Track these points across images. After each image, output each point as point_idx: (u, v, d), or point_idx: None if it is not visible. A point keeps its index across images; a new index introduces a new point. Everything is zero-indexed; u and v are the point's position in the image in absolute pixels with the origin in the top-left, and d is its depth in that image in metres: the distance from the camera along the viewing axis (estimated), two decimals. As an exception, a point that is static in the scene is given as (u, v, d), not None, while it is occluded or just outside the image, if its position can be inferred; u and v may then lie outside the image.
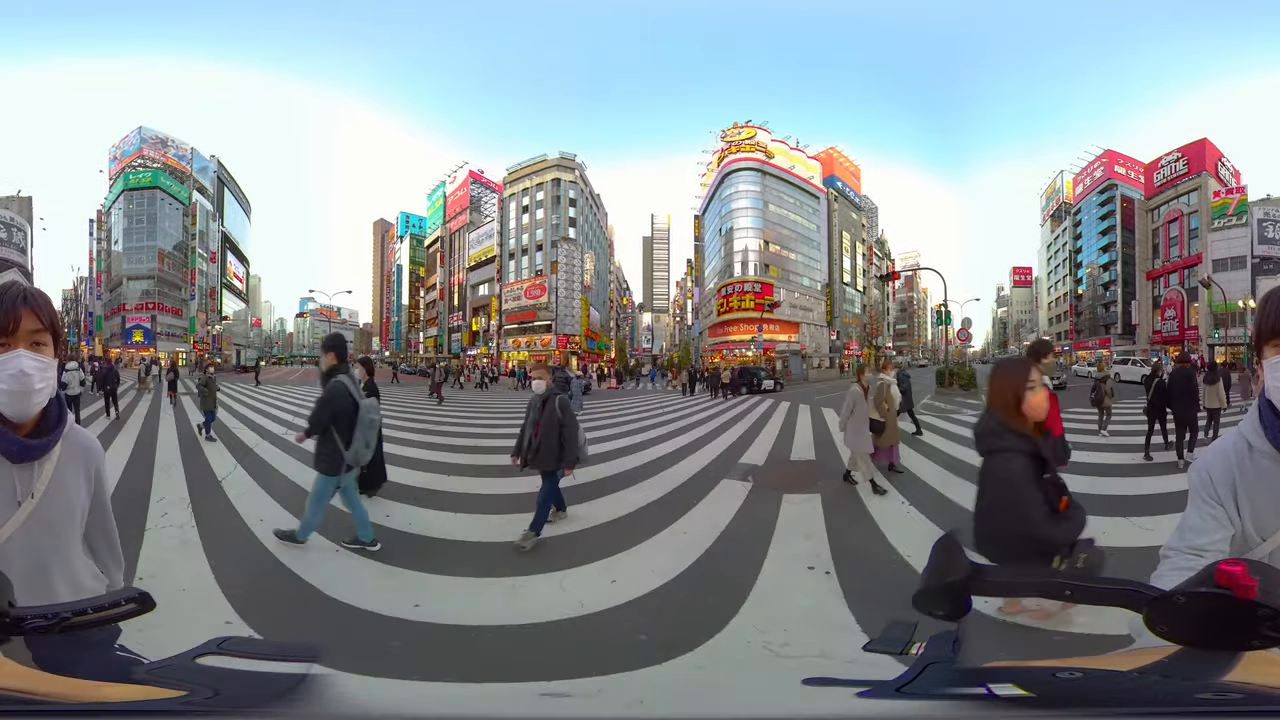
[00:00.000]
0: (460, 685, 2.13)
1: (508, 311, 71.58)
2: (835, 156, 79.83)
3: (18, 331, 1.06)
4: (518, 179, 73.34)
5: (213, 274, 78.54)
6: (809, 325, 67.21)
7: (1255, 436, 1.04)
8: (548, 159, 71.49)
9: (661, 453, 9.55)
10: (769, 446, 10.24)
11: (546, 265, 68.15)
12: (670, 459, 8.88)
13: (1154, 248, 57.42)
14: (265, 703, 0.64)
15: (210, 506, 5.74)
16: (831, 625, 3.20)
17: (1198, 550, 1.03)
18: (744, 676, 1.01)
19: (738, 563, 4.21)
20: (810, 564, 4.18)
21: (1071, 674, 0.64)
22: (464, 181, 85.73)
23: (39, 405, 1.10)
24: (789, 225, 69.06)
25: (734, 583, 3.77)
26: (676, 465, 8.34)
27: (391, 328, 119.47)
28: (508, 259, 73.80)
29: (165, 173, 71.28)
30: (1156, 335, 53.84)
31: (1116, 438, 10.26)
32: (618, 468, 8.13)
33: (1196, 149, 53.51)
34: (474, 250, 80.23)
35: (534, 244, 70.79)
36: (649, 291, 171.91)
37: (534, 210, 71.43)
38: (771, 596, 3.61)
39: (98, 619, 0.75)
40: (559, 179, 69.87)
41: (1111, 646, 0.84)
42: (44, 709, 0.62)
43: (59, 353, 1.15)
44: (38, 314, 1.08)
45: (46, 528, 1.13)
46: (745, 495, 6.38)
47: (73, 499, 1.18)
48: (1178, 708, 0.58)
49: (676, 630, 3.15)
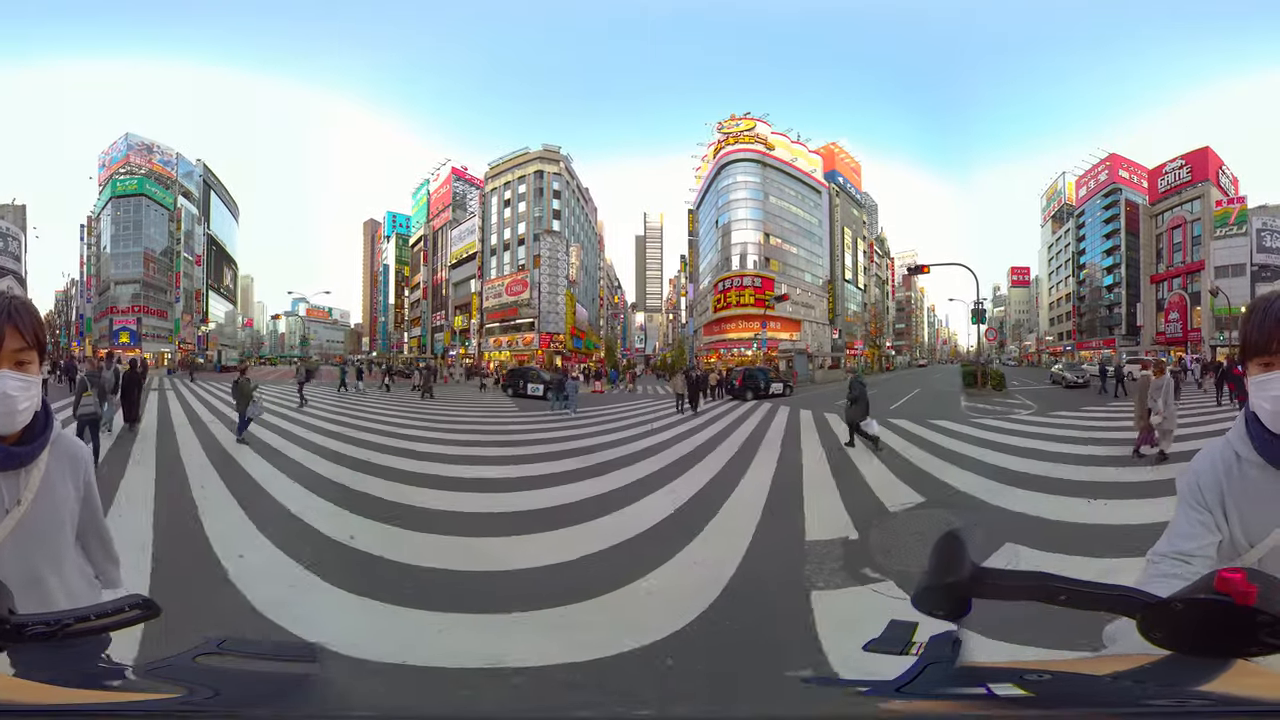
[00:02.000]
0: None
1: (489, 309, 70.24)
2: (836, 152, 79.83)
3: (1, 351, 1.06)
4: (499, 173, 71.85)
5: (198, 277, 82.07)
6: (811, 323, 66.24)
7: (1242, 446, 1.08)
8: (530, 151, 69.86)
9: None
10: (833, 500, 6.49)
11: (529, 260, 66.63)
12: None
13: (1158, 252, 59.62)
14: (265, 703, 0.64)
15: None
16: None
17: (1185, 556, 1.06)
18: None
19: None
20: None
21: (1071, 675, 0.66)
22: (446, 179, 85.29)
23: (23, 422, 1.11)
24: (790, 218, 67.97)
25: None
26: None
27: (379, 328, 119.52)
28: (489, 255, 72.51)
29: (150, 179, 75.14)
30: (1160, 336, 56.03)
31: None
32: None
33: (1199, 157, 56.03)
34: (456, 247, 79.06)
35: (516, 238, 69.24)
36: (642, 291, 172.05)
37: (515, 204, 69.89)
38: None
39: (101, 625, 0.75)
40: (542, 171, 68.50)
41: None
42: (45, 709, 0.62)
43: (43, 365, 1.16)
44: (21, 332, 1.08)
45: (37, 535, 1.14)
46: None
47: (62, 505, 1.19)
48: (1178, 709, 0.60)
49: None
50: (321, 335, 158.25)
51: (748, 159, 66.04)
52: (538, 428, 14.06)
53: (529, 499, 6.54)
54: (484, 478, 7.93)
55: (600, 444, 11.08)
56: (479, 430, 13.72)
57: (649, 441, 11.43)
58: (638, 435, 12.60)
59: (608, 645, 3.03)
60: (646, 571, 4.17)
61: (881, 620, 0.80)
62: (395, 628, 3.30)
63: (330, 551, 4.61)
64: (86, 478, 1.28)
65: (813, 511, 5.93)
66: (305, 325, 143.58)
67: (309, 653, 0.77)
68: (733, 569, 4.22)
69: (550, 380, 22.83)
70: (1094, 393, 25.00)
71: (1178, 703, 0.62)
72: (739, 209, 65.27)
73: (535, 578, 4.15)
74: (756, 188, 65.41)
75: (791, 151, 69.65)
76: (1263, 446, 1.06)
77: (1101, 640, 0.87)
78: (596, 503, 6.35)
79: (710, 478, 7.77)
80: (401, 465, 8.57)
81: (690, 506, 6.18)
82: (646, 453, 10.01)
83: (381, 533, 5.17)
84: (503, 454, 9.99)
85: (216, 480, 7.29)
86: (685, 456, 9.56)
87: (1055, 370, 38.25)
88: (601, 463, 8.93)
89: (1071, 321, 73.64)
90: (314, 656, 0.76)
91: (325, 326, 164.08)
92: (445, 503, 6.30)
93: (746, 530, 5.26)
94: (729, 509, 6.07)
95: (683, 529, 5.29)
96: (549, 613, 3.47)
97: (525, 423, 15.30)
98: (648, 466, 8.64)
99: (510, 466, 8.69)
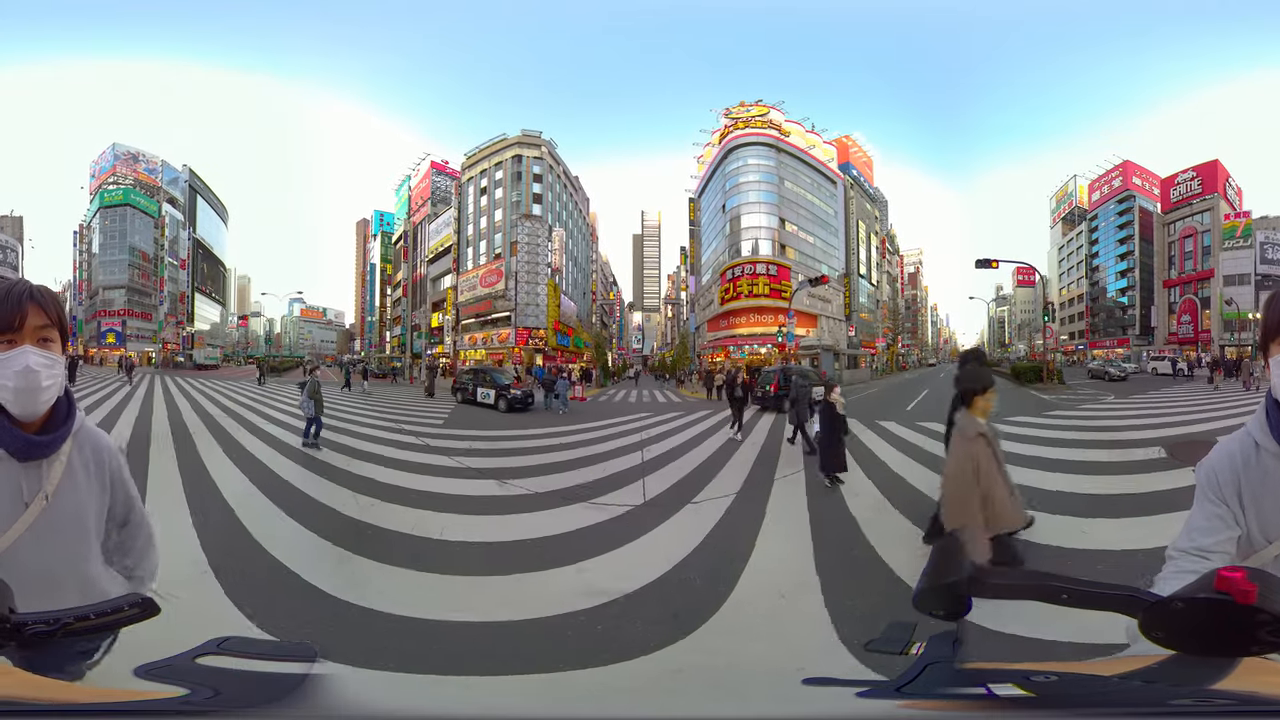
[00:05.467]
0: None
1: (463, 304, 67.71)
2: (849, 144, 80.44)
3: (24, 328, 1.08)
4: (476, 161, 69.52)
5: (183, 280, 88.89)
6: (827, 318, 64.60)
7: (1262, 435, 1.09)
8: (508, 137, 67.67)
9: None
10: None
11: (506, 248, 64.10)
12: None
13: (1170, 259, 65.36)
14: (265, 703, 0.67)
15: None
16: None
17: (1203, 551, 1.07)
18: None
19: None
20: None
21: (1072, 675, 0.69)
22: (426, 174, 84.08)
23: (47, 403, 1.12)
24: (807, 205, 66.61)
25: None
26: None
27: (367, 328, 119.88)
28: (465, 247, 70.19)
29: (135, 189, 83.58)
30: (1172, 337, 61.83)
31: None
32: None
33: (1209, 169, 62.01)
34: (433, 241, 77.03)
35: (493, 226, 66.85)
36: (639, 290, 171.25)
37: (492, 190, 67.47)
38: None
39: (100, 624, 0.77)
40: (521, 155, 66.32)
41: (1112, 650, 0.91)
42: (45, 709, 0.64)
43: (66, 350, 1.18)
44: (45, 310, 1.10)
45: (57, 531, 1.13)
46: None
47: (86, 501, 1.19)
48: (1177, 711, 0.63)
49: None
50: (316, 335, 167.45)
51: (761, 143, 64.50)
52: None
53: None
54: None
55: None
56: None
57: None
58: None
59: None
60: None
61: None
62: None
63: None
64: (116, 472, 1.26)
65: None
66: (302, 326, 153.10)
67: (309, 653, 0.80)
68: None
69: (507, 384, 20.72)
70: (1140, 384, 29.17)
71: (1180, 703, 0.64)
72: (751, 192, 63.39)
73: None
74: (771, 171, 63.87)
75: (807, 140, 69.02)
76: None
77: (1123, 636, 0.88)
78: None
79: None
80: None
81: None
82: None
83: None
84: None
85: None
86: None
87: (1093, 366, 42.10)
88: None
89: (1084, 321, 78.03)
90: (314, 656, 0.79)
91: (319, 326, 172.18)
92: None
93: None
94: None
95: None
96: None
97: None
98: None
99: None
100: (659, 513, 6.13)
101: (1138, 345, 64.49)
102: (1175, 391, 23.27)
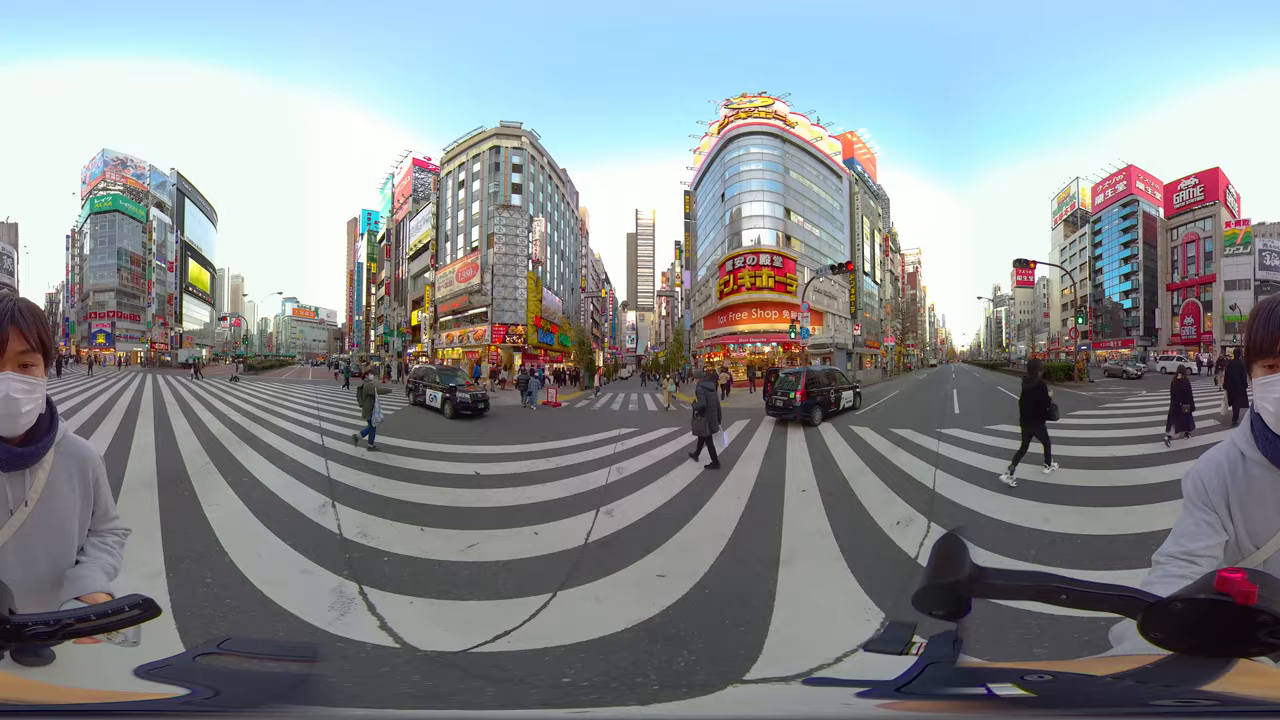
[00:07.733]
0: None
1: (440, 300, 66.79)
2: (854, 140, 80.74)
3: (5, 354, 1.12)
4: (454, 155, 68.59)
5: (171, 282, 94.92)
6: (834, 315, 63.61)
7: (1247, 446, 1.17)
8: (485, 130, 66.65)
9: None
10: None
11: (483, 240, 63.07)
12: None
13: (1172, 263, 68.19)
14: (265, 703, 0.69)
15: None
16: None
17: (1192, 556, 1.12)
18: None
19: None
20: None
21: (1072, 675, 0.71)
22: (408, 171, 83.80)
23: (26, 425, 1.17)
24: (813, 197, 65.61)
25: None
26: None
27: (355, 327, 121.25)
28: (444, 242, 69.39)
29: (124, 195, 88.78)
30: (1175, 338, 64.77)
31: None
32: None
33: (1210, 176, 64.85)
34: (413, 238, 76.27)
35: (470, 220, 65.71)
36: (633, 289, 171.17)
37: (470, 183, 66.36)
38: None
39: (100, 625, 0.80)
40: (499, 146, 65.28)
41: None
42: (45, 709, 0.66)
43: (49, 368, 1.24)
44: (25, 334, 1.14)
45: (41, 536, 1.21)
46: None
47: (68, 507, 1.27)
48: (1177, 711, 0.65)
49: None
50: (308, 335, 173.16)
51: (764, 132, 63.11)
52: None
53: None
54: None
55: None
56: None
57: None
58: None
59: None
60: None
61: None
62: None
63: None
64: (95, 479, 1.34)
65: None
66: (294, 325, 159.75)
67: (309, 652, 0.83)
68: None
69: (454, 386, 18.49)
70: (1154, 381, 30.24)
71: (1180, 703, 0.65)
72: (753, 180, 61.41)
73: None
74: (775, 160, 62.23)
75: (812, 133, 68.37)
76: (1266, 447, 1.13)
77: (1108, 640, 0.93)
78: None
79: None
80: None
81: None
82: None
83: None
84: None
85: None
86: None
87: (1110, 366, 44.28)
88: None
89: (1088, 322, 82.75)
90: (314, 656, 0.82)
91: (311, 326, 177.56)
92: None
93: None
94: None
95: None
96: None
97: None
98: None
99: None
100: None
101: (1141, 346, 67.42)
102: (1192, 385, 25.51)
